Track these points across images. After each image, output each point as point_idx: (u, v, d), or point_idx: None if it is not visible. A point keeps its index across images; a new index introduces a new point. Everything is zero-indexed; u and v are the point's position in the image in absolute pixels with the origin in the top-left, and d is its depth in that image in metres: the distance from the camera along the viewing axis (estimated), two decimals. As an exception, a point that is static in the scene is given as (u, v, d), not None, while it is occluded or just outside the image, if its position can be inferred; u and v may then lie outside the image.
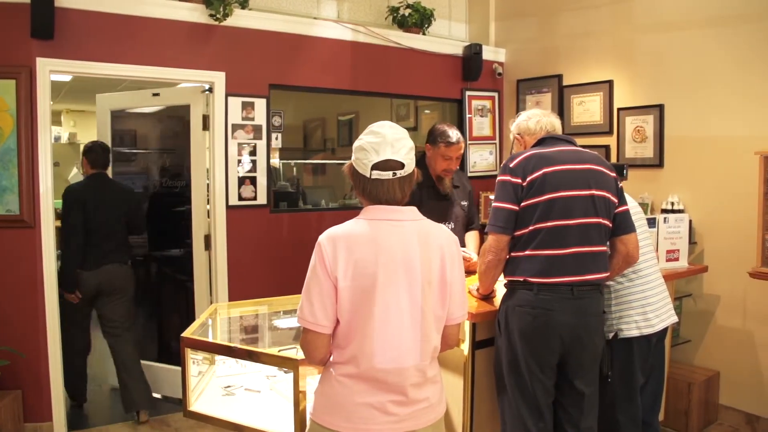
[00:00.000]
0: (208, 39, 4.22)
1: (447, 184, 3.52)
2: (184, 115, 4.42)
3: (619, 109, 4.72)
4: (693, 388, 3.95)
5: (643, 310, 2.69)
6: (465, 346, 2.60)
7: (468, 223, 3.69)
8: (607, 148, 4.79)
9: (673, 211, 4.16)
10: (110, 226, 4.14)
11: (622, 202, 2.56)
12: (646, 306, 2.69)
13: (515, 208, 2.45)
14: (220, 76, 4.26)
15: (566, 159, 2.48)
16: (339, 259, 1.79)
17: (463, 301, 1.99)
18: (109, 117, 4.71)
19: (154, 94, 4.54)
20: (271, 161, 4.70)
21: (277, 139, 4.76)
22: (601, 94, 4.84)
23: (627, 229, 2.55)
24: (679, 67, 4.29)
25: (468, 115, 5.51)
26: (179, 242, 4.71)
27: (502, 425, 2.55)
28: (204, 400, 2.71)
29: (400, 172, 1.86)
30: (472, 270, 3.06)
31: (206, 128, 4.34)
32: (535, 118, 2.72)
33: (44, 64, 3.70)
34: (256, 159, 4.42)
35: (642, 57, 4.56)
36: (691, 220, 4.07)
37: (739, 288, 3.99)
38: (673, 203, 4.25)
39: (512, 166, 2.49)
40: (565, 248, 2.40)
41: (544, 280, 2.39)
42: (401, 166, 1.86)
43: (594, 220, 2.44)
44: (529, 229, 2.42)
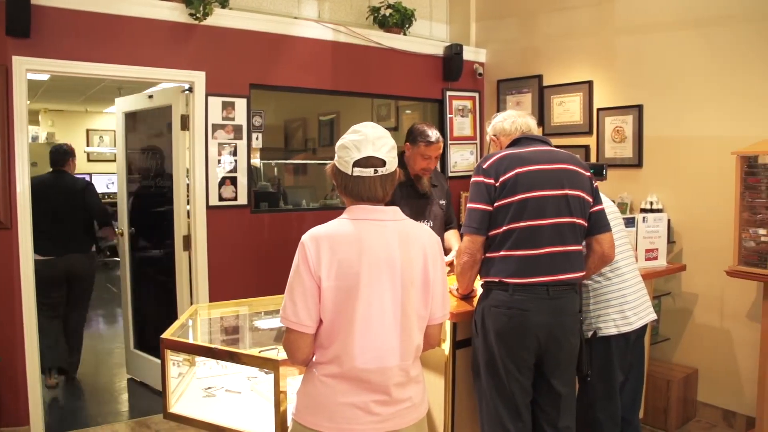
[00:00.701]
0: (188, 38, 4.18)
1: (425, 183, 3.55)
2: (168, 116, 4.39)
3: (599, 110, 4.76)
4: (672, 386, 3.99)
5: (621, 309, 2.71)
6: (446, 346, 2.60)
7: (447, 222, 3.72)
8: (587, 148, 4.84)
9: (651, 211, 4.20)
10: (68, 216, 4.69)
11: (597, 202, 2.57)
12: (624, 304, 2.72)
13: (489, 208, 2.45)
14: (200, 75, 4.23)
15: (540, 159, 2.49)
16: (322, 259, 1.78)
17: (445, 301, 2.00)
18: (123, 119, 5.03)
19: (149, 96, 4.60)
20: (252, 161, 4.68)
21: (257, 139, 4.74)
22: (580, 95, 4.88)
23: (602, 228, 2.56)
24: (658, 68, 4.34)
25: (449, 115, 5.53)
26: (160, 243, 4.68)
27: (481, 425, 2.55)
28: (184, 402, 2.68)
29: (381, 170, 1.86)
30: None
31: (185, 128, 4.30)
32: (510, 119, 2.73)
33: (20, 63, 3.64)
34: (236, 159, 4.39)
35: (621, 58, 4.60)
36: (669, 220, 4.11)
37: (717, 286, 4.04)
38: (652, 203, 4.30)
39: (485, 167, 2.49)
40: (539, 248, 2.41)
41: (519, 281, 2.40)
42: (382, 163, 1.87)
43: (568, 220, 2.45)
44: (503, 229, 2.42)
